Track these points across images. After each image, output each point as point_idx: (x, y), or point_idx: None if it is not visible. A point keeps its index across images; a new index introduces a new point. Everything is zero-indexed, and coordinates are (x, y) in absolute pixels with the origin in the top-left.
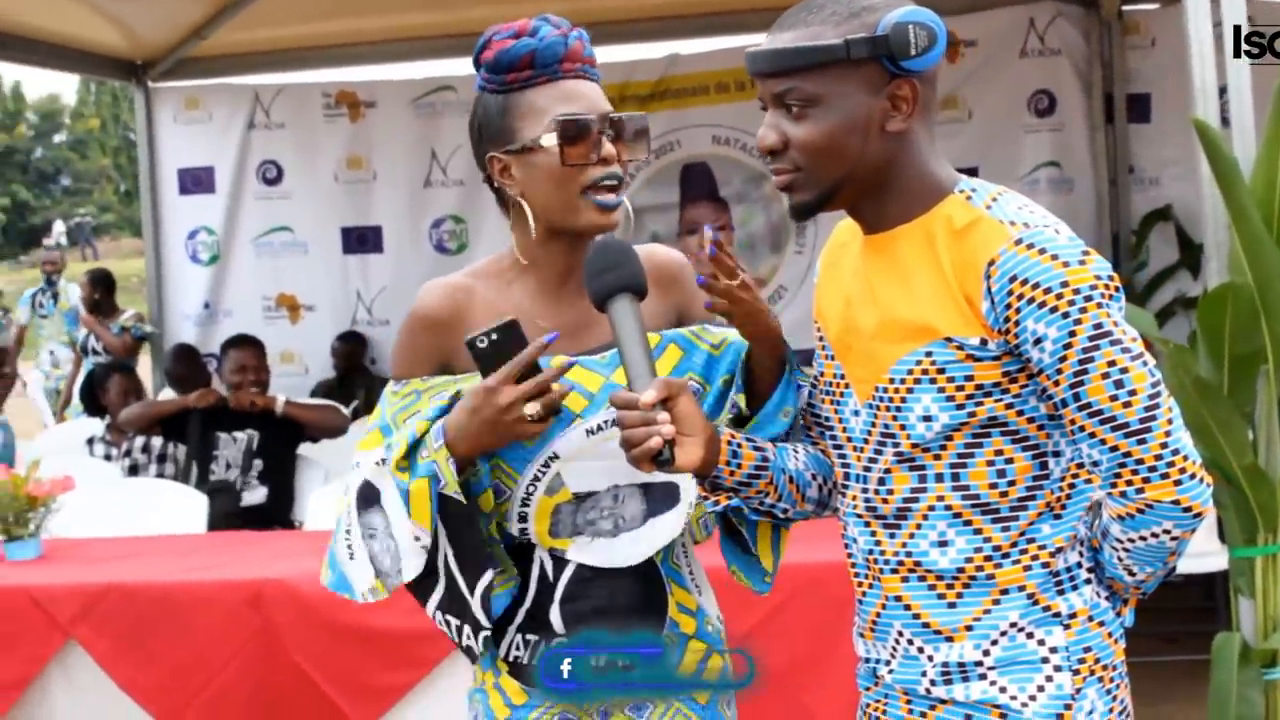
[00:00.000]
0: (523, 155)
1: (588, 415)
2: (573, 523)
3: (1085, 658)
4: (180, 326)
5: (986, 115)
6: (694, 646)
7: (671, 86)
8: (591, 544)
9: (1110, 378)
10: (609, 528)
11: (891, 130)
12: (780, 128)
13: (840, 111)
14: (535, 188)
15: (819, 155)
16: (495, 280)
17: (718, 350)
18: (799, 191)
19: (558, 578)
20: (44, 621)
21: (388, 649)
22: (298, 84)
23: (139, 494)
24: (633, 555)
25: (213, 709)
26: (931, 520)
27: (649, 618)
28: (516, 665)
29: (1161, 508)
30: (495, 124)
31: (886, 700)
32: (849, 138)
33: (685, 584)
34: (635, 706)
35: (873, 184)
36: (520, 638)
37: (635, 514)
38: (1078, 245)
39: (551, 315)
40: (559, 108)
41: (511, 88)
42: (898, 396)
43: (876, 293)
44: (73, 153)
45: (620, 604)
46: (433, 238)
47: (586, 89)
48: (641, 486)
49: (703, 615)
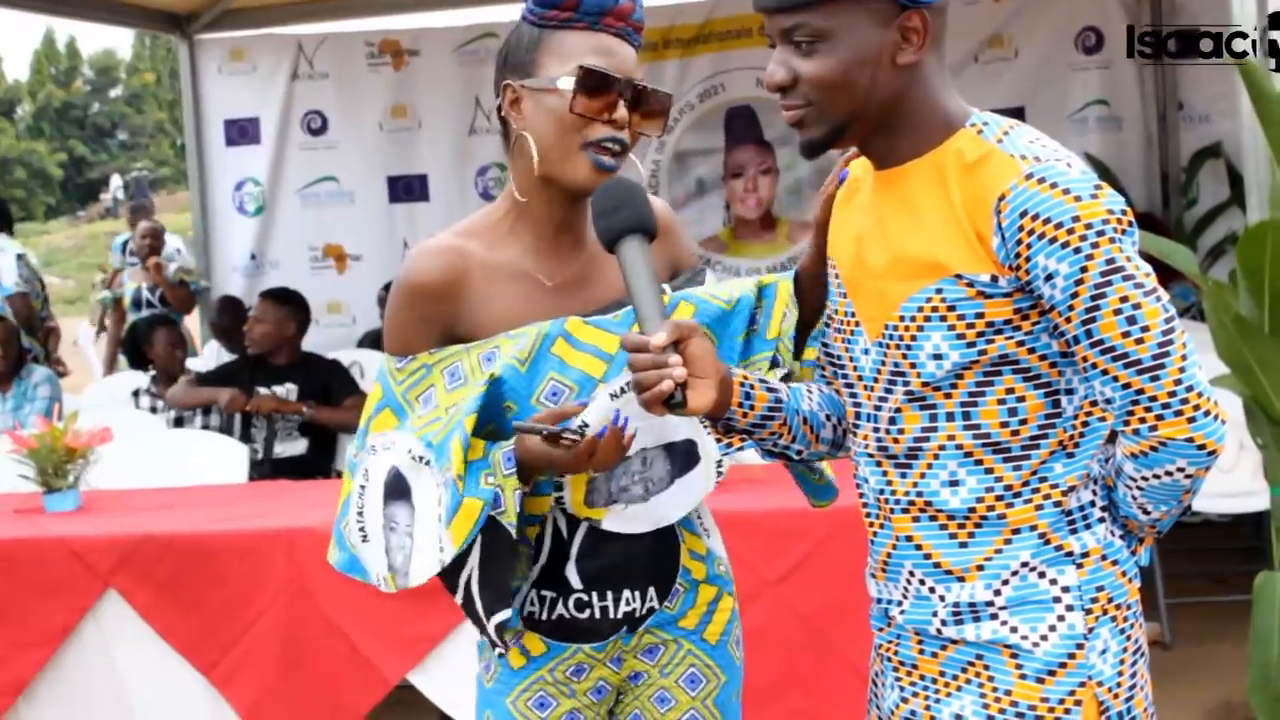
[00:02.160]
0: (537, 92)
1: (609, 378)
2: (607, 490)
3: (1098, 597)
4: (228, 278)
5: (1033, 53)
6: (705, 591)
7: (715, 30)
8: (626, 510)
9: (1123, 314)
10: (640, 492)
11: (902, 63)
12: (789, 64)
13: (849, 45)
14: (539, 128)
15: (829, 90)
16: (487, 236)
17: (730, 306)
18: (809, 128)
19: (572, 535)
20: (83, 572)
21: (418, 599)
22: (341, 33)
23: (181, 445)
24: (665, 517)
25: (247, 659)
26: (942, 459)
27: (664, 568)
28: (532, 619)
29: (1175, 445)
30: (521, 54)
31: (899, 641)
32: (859, 72)
33: (696, 530)
34: (648, 650)
35: (884, 119)
36: (535, 593)
37: (662, 475)
38: (1089, 179)
39: (550, 270)
40: (587, 57)
41: (548, 24)
42: (908, 334)
43: (887, 229)
44: (129, 107)
45: (637, 557)
46: (478, 185)
47: (622, 50)
48: (665, 447)
49: (712, 558)
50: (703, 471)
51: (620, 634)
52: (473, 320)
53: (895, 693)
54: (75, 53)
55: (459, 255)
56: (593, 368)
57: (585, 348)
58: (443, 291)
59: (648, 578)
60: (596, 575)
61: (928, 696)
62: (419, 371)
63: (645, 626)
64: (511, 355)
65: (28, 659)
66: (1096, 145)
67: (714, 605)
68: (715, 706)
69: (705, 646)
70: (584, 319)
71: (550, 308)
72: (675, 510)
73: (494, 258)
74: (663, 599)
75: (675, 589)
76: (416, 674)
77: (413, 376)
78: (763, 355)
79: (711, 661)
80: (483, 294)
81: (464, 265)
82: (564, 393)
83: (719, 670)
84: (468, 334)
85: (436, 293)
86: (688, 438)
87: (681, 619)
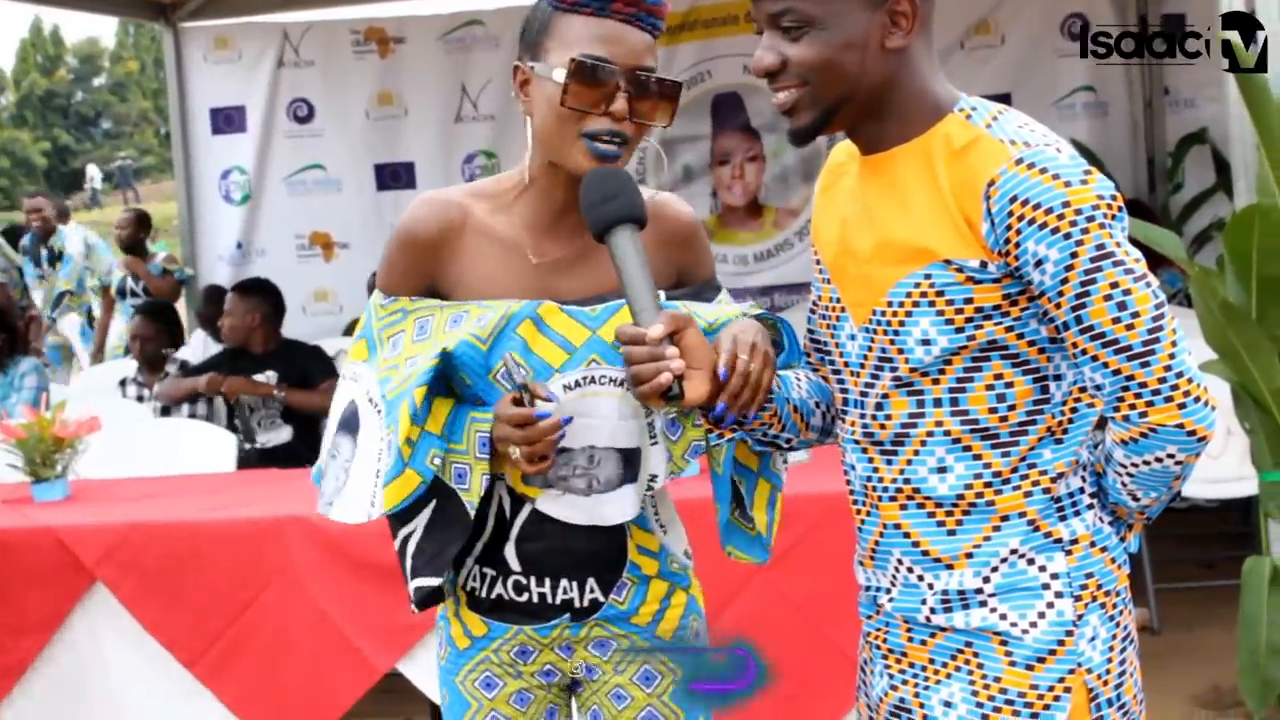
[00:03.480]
0: (540, 79)
1: (566, 370)
2: (543, 475)
3: (1087, 584)
4: (214, 267)
5: (1020, 40)
6: (656, 587)
7: (701, 17)
8: (561, 498)
9: (1113, 300)
10: (582, 486)
11: (891, 47)
12: (778, 49)
13: (839, 30)
14: (540, 115)
15: (819, 74)
16: (493, 202)
17: (711, 329)
18: (799, 113)
19: (514, 517)
20: (70, 563)
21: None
22: (326, 21)
23: (169, 435)
24: (605, 518)
25: (234, 649)
26: (930, 446)
27: (606, 561)
28: (474, 597)
29: (1165, 431)
30: (533, 35)
31: (887, 629)
32: (847, 56)
33: (648, 526)
34: (598, 643)
35: (872, 103)
36: (478, 569)
37: (611, 478)
38: (1079, 164)
39: (542, 249)
40: (589, 46)
41: (561, 7)
42: (895, 320)
43: (873, 214)
44: (113, 96)
45: (575, 546)
46: (465, 173)
47: (630, 37)
48: (620, 452)
49: (665, 554)
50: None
51: (563, 620)
52: (453, 276)
53: (884, 680)
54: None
55: (458, 211)
56: (553, 357)
57: (552, 335)
58: (432, 243)
59: (586, 568)
60: (534, 560)
61: (916, 684)
62: (396, 314)
63: (594, 619)
64: (473, 329)
65: (20, 648)
66: (1083, 131)
67: (667, 601)
68: (672, 702)
69: (658, 643)
70: (560, 306)
71: (529, 284)
72: (617, 514)
73: (491, 223)
74: (606, 592)
75: (622, 583)
76: (405, 663)
77: (391, 316)
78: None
79: (665, 658)
80: (470, 254)
81: (461, 222)
82: (519, 374)
83: (674, 666)
84: (445, 289)
85: (426, 242)
86: (635, 446)
87: (633, 615)
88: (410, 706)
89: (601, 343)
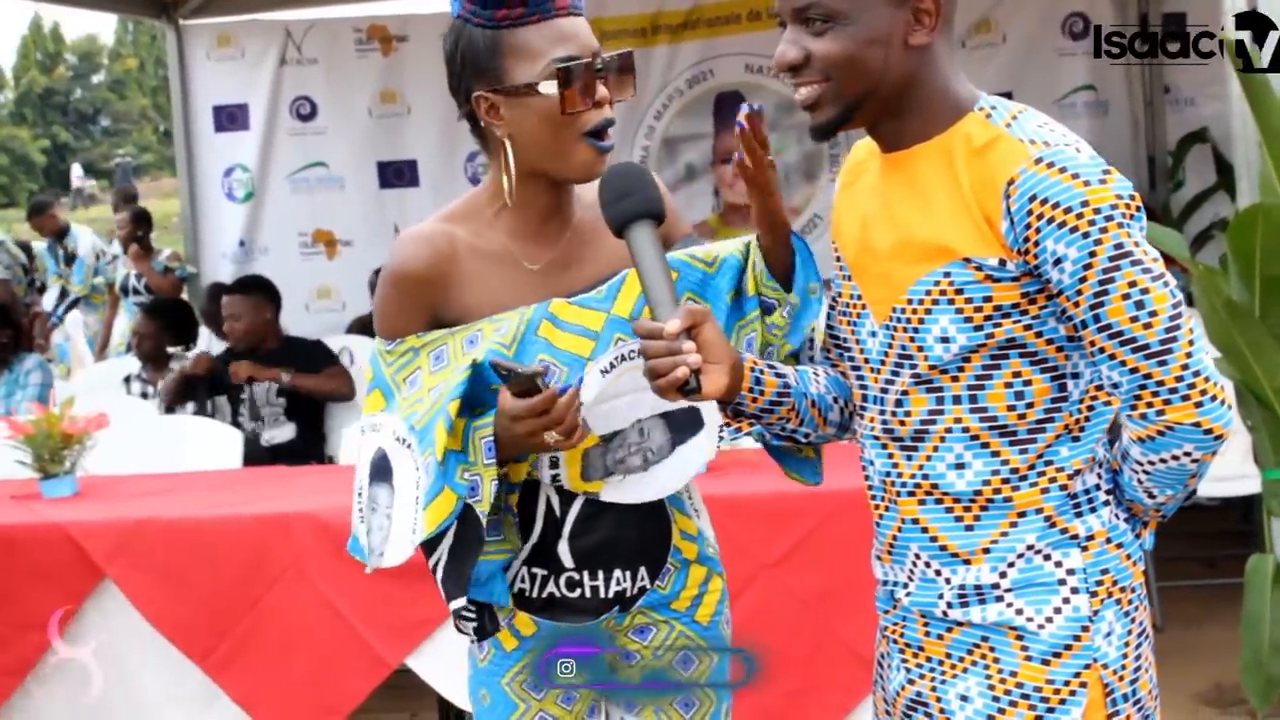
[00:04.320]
0: (515, 97)
1: (597, 355)
2: (603, 464)
3: (1103, 579)
4: (217, 265)
5: (1020, 39)
6: (695, 572)
7: (704, 15)
8: (624, 482)
9: (1131, 298)
10: (639, 463)
11: (914, 44)
12: (801, 43)
13: (863, 25)
14: (527, 131)
15: (842, 69)
16: (473, 222)
17: (713, 268)
18: (822, 108)
19: (565, 514)
20: (80, 559)
21: (418, 582)
22: (328, 19)
23: (175, 431)
24: (667, 487)
25: (243, 645)
26: (949, 442)
27: (655, 547)
28: (523, 597)
29: (1182, 430)
30: (483, 61)
31: (904, 623)
32: (871, 51)
33: (686, 510)
34: (640, 629)
35: (894, 100)
36: (526, 571)
37: (662, 444)
38: (1098, 164)
39: (534, 255)
40: (554, 50)
41: (501, 25)
42: (915, 317)
43: (894, 212)
44: (112, 93)
45: (628, 535)
46: (468, 171)
47: (578, 27)
48: (663, 416)
49: (702, 539)
50: (704, 439)
51: (612, 613)
52: (458, 304)
53: (901, 674)
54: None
55: (446, 240)
56: (580, 347)
57: (571, 328)
58: (429, 277)
59: (639, 557)
60: (588, 554)
61: (934, 678)
62: (406, 354)
63: (637, 607)
64: (494, 340)
65: (29, 644)
66: (1084, 130)
67: (705, 586)
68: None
69: (697, 628)
70: (568, 299)
71: (534, 291)
72: (675, 480)
73: (479, 242)
74: (654, 578)
75: (666, 568)
76: (415, 658)
77: (401, 359)
78: (753, 313)
79: (703, 642)
80: (468, 278)
81: (450, 251)
82: (555, 373)
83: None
84: (454, 318)
85: (423, 279)
86: (688, 406)
87: (674, 600)
88: (418, 703)
89: (619, 320)
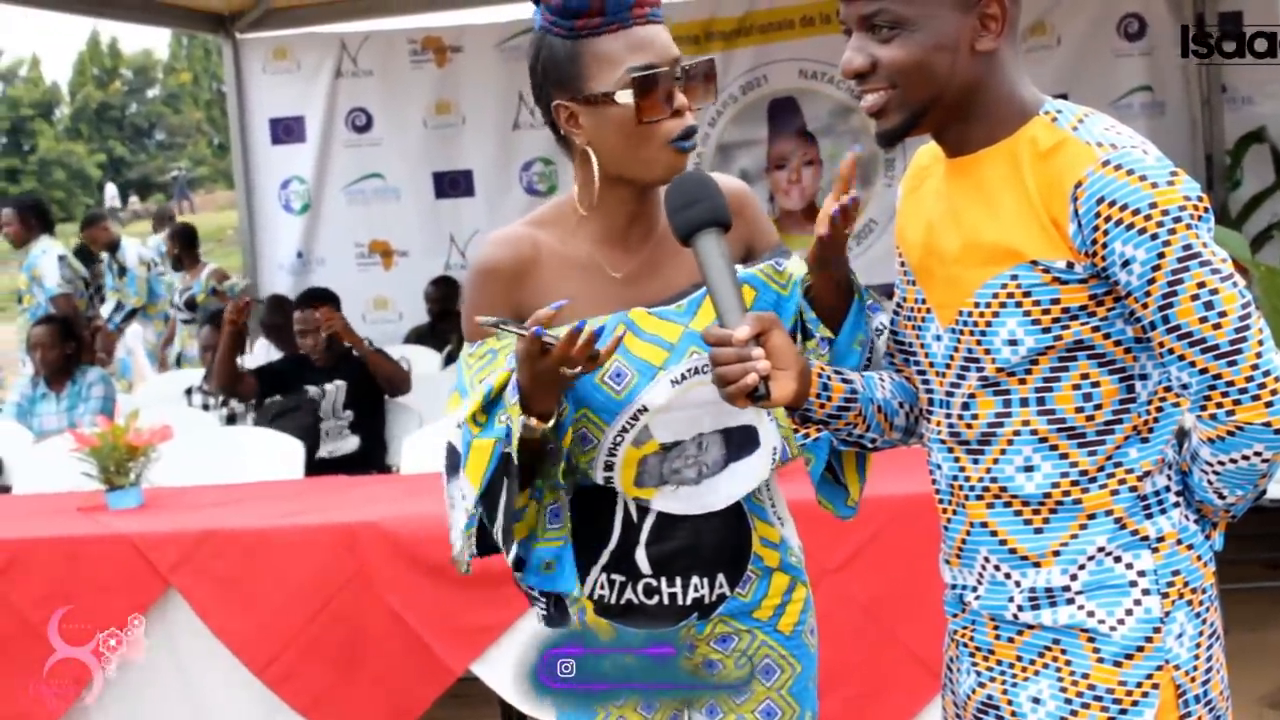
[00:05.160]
0: (593, 106)
1: (670, 366)
2: (659, 472)
3: (1174, 581)
4: (274, 276)
5: (1075, 40)
6: (778, 580)
7: (756, 22)
8: (676, 493)
9: (1200, 299)
10: (693, 475)
11: (981, 50)
12: (867, 50)
13: (930, 31)
14: (606, 140)
15: (909, 75)
16: (558, 228)
17: (785, 290)
18: (889, 115)
19: (642, 520)
20: (145, 569)
21: (482, 589)
22: (383, 31)
23: (237, 442)
24: (715, 502)
25: (306, 656)
26: (1017, 445)
27: (734, 555)
28: (602, 604)
29: (1252, 430)
30: (563, 70)
31: (974, 626)
32: (939, 57)
33: (768, 518)
34: (722, 639)
35: (961, 105)
36: (605, 577)
37: (717, 459)
38: (1166, 166)
39: (617, 262)
40: (631, 58)
41: (580, 34)
42: (982, 320)
43: (960, 216)
44: (166, 107)
45: (706, 543)
46: (523, 180)
47: (656, 35)
48: (723, 432)
49: (785, 547)
50: (760, 457)
51: (690, 620)
52: (540, 308)
53: (971, 678)
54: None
55: (530, 244)
56: (655, 356)
57: (648, 337)
58: (511, 276)
59: (717, 564)
60: (665, 560)
61: (1004, 681)
62: (486, 356)
63: (718, 615)
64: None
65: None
66: (1141, 131)
67: (788, 595)
68: (791, 696)
69: (779, 637)
70: (648, 310)
71: (616, 299)
72: (725, 496)
73: (563, 248)
74: (733, 586)
75: (747, 576)
76: (479, 665)
77: (481, 360)
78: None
79: (786, 652)
80: (551, 283)
81: (534, 253)
82: (626, 375)
83: (794, 660)
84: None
85: (505, 277)
86: (747, 423)
87: (755, 609)
88: (482, 710)
89: (696, 335)
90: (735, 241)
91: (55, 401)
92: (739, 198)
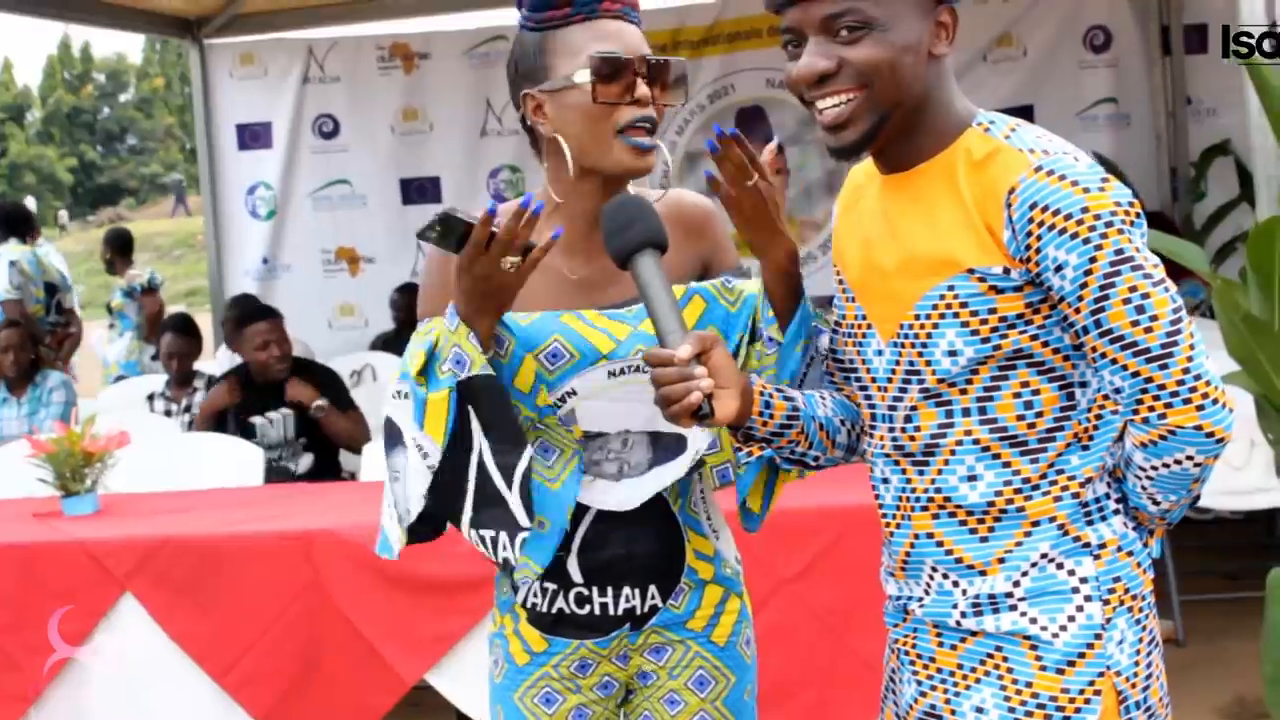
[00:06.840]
0: (556, 94)
1: (614, 357)
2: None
3: (1115, 588)
4: (239, 282)
5: (1041, 52)
6: (711, 592)
7: (724, 31)
8: (592, 484)
9: (1131, 303)
10: (613, 471)
11: (936, 54)
12: (832, 53)
13: (898, 32)
14: (568, 127)
15: (882, 74)
16: None
17: (734, 307)
18: (855, 122)
19: (575, 528)
20: (100, 576)
21: (436, 598)
22: (351, 37)
23: (197, 449)
24: (629, 500)
25: (262, 662)
26: (959, 455)
27: (666, 566)
28: (535, 612)
29: (1184, 433)
30: (530, 62)
31: (916, 635)
32: (907, 58)
33: (703, 530)
34: (655, 649)
35: (914, 115)
36: (538, 585)
37: (640, 461)
38: (1097, 172)
39: (576, 267)
40: (594, 46)
41: (548, 25)
42: (923, 333)
43: (897, 230)
44: (138, 112)
45: (638, 553)
46: (490, 187)
47: (625, 30)
48: (650, 435)
49: (720, 559)
50: (678, 464)
51: (623, 630)
52: None
53: (913, 687)
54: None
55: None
56: (602, 344)
57: (597, 328)
58: None
59: (649, 575)
60: (597, 570)
61: (947, 689)
62: (430, 329)
63: (651, 626)
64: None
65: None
66: (1106, 143)
67: (721, 606)
68: (725, 707)
69: (713, 648)
70: (600, 310)
71: (569, 298)
72: (638, 496)
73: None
74: (665, 598)
75: (680, 588)
76: (434, 674)
77: (425, 335)
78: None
79: (720, 663)
80: None
81: None
82: (564, 355)
83: (728, 671)
84: None
85: None
86: (679, 432)
87: (689, 620)
88: (437, 718)
89: (645, 335)
90: (694, 259)
91: (16, 406)
92: (702, 217)
